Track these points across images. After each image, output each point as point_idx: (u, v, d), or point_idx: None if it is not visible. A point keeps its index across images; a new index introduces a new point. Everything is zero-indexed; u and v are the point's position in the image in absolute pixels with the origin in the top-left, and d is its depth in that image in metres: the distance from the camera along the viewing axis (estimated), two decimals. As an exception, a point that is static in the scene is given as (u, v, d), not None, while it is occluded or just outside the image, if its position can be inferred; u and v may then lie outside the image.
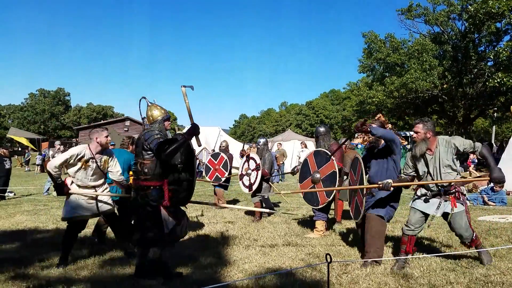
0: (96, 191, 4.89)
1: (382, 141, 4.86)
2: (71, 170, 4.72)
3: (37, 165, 24.56)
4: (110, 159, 5.00)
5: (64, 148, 22.78)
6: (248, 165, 7.76)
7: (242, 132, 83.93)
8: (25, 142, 31.48)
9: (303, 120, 69.19)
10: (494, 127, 36.61)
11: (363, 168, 4.66)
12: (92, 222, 7.46)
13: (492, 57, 22.25)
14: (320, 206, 6.03)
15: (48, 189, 13.03)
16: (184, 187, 4.18)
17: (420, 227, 4.50)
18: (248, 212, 8.37)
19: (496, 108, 26.25)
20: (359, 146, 16.34)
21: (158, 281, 4.08)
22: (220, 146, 10.04)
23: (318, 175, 6.03)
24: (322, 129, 6.62)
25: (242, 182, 7.90)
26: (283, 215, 8.27)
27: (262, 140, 8.43)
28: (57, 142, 16.64)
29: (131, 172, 5.88)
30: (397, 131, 27.45)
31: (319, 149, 6.26)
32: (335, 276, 4.18)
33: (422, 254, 4.95)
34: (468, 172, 17.26)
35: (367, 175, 4.94)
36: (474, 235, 4.47)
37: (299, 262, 4.84)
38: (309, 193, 6.23)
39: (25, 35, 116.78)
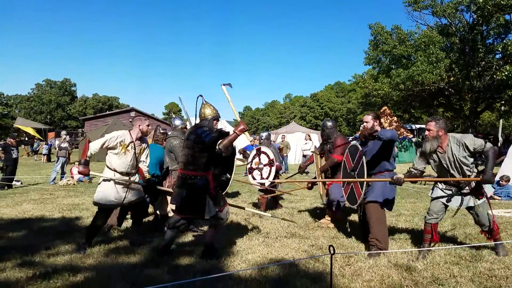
0: (129, 179, 5.05)
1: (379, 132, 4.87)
2: (111, 152, 4.92)
3: (43, 154, 24.73)
4: (145, 149, 5.23)
5: (70, 138, 22.92)
6: (259, 159, 7.54)
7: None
8: (31, 132, 31.72)
9: (307, 112, 69.01)
10: (501, 121, 36.30)
11: (364, 160, 4.76)
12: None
13: (500, 49, 21.99)
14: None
15: (54, 179, 13.15)
16: (224, 177, 4.79)
17: (442, 215, 4.69)
18: (253, 204, 8.40)
19: (503, 102, 26.00)
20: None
21: (163, 269, 4.13)
22: None
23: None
24: (329, 123, 6.63)
25: (252, 176, 7.63)
26: (287, 206, 8.29)
27: (264, 134, 8.34)
28: (63, 132, 16.68)
29: None
30: (403, 124, 27.38)
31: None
32: (338, 268, 4.20)
33: (426, 248, 4.95)
34: None
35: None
36: (494, 226, 4.63)
37: (302, 254, 4.87)
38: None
39: (31, 25, 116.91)
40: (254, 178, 7.62)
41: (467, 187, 4.52)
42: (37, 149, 28.14)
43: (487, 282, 3.83)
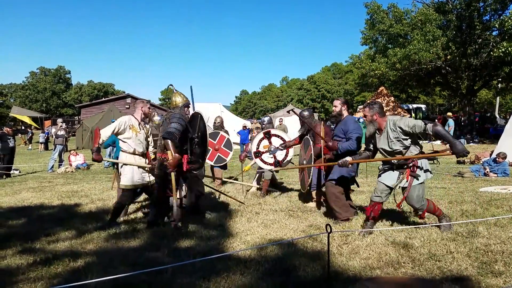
0: (142, 159, 5.48)
1: (344, 117, 5.54)
2: (124, 137, 5.31)
3: (41, 143, 24.69)
4: (149, 129, 5.69)
5: (67, 126, 22.87)
6: (270, 142, 7.34)
7: (243, 108, 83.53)
8: (27, 120, 31.53)
9: (304, 95, 68.70)
10: (498, 98, 36.32)
11: (313, 147, 5.75)
12: (94, 198, 7.56)
13: (497, 26, 21.81)
14: (305, 190, 6.28)
15: (52, 167, 13.16)
16: (197, 159, 5.12)
17: (386, 196, 4.85)
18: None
19: (500, 79, 25.94)
20: (361, 120, 16.39)
21: (163, 252, 4.17)
22: (214, 123, 9.35)
23: (304, 162, 6.33)
24: (306, 113, 6.76)
25: (262, 160, 7.37)
26: (285, 188, 8.34)
27: (266, 119, 8.10)
28: (59, 120, 16.63)
29: None
30: (400, 104, 27.32)
31: (305, 138, 6.49)
32: (336, 247, 4.24)
33: (423, 224, 5.01)
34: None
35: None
36: (428, 206, 4.75)
37: (300, 234, 4.91)
38: (303, 182, 6.55)
39: (24, 12, 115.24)
40: (265, 162, 7.37)
41: (404, 166, 4.67)
42: (29, 137, 28.03)
43: (483, 257, 3.88)
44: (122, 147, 5.36)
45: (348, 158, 4.96)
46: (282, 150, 7.15)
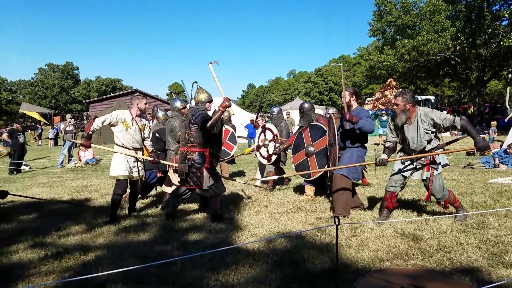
0: (136, 153, 5.52)
1: (354, 108, 5.46)
2: (115, 130, 5.40)
3: (50, 139, 24.92)
4: (146, 125, 5.74)
5: (76, 121, 23.09)
6: (265, 136, 7.50)
7: (251, 102, 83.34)
8: (37, 116, 31.79)
9: (312, 88, 68.34)
10: (508, 89, 35.84)
11: (335, 129, 5.53)
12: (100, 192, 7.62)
13: (507, 16, 21.45)
14: (311, 179, 6.35)
15: (62, 162, 13.28)
16: (215, 153, 5.32)
17: (401, 185, 4.91)
18: (263, 181, 8.42)
19: (510, 69, 25.57)
20: (370, 112, 16.31)
21: (172, 245, 4.20)
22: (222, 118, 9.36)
23: (312, 148, 6.28)
24: (307, 105, 6.73)
25: (260, 154, 7.61)
26: (293, 182, 8.33)
27: (276, 109, 8.05)
28: (68, 116, 16.81)
29: None
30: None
31: (316, 123, 6.41)
32: (344, 239, 4.24)
33: (432, 216, 4.98)
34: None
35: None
36: (449, 196, 4.81)
37: (308, 226, 4.91)
38: (301, 166, 6.53)
39: (32, 9, 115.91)
40: (262, 156, 7.56)
41: (422, 159, 4.70)
42: (39, 133, 28.34)
43: (494, 248, 3.85)
44: (115, 140, 5.47)
45: (384, 156, 4.81)
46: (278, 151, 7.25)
